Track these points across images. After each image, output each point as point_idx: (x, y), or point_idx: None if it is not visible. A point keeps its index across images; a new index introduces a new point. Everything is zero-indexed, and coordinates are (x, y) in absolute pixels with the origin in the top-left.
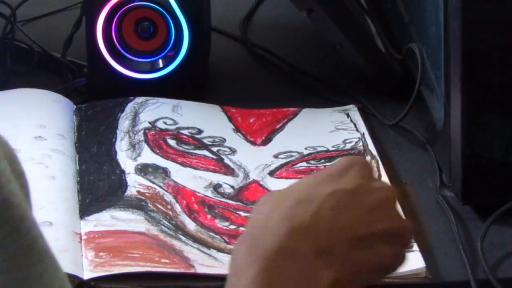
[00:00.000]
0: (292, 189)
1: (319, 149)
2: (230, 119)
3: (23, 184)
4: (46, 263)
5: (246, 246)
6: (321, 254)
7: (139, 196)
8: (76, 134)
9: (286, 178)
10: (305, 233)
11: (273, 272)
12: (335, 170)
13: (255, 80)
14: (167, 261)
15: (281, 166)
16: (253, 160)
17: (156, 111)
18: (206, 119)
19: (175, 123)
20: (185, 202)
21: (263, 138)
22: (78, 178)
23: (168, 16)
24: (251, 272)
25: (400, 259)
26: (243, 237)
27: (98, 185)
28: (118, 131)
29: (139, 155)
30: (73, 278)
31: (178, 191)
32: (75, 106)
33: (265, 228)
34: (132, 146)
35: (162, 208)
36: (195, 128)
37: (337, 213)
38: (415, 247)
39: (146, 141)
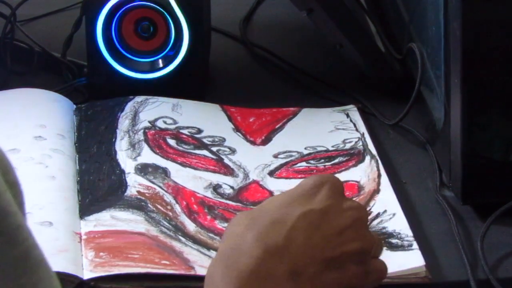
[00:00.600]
0: (265, 209)
1: (319, 149)
2: (230, 118)
3: (17, 194)
4: (41, 272)
5: (222, 267)
6: (293, 276)
7: (139, 196)
8: (76, 134)
9: (286, 178)
10: (279, 255)
11: None
12: (306, 190)
13: (255, 80)
14: (167, 262)
15: (281, 166)
16: (253, 160)
17: (156, 110)
18: (206, 118)
19: (175, 122)
20: (185, 202)
21: (263, 137)
22: (78, 178)
23: (168, 16)
24: None
25: (369, 275)
26: (219, 256)
27: (98, 185)
28: (118, 131)
29: (139, 154)
30: (73, 278)
31: (178, 191)
32: (75, 106)
33: (240, 250)
34: (132, 145)
35: (162, 209)
36: (195, 127)
37: (309, 235)
38: (415, 245)
39: (146, 140)
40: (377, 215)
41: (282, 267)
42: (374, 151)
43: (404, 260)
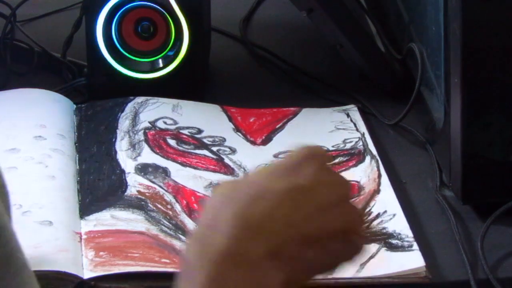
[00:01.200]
0: (246, 182)
1: None
2: (230, 118)
3: (4, 197)
4: (24, 275)
5: (197, 247)
6: (272, 255)
7: (139, 196)
8: (76, 133)
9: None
10: (256, 233)
11: (222, 278)
12: (292, 162)
13: (255, 80)
14: (167, 261)
15: None
16: (253, 159)
17: (156, 110)
18: (206, 118)
19: (175, 122)
20: (185, 202)
21: (263, 137)
22: (78, 178)
23: (168, 16)
24: (199, 279)
25: (352, 251)
26: (195, 235)
27: (98, 184)
28: (118, 131)
29: (139, 155)
30: (73, 278)
31: (178, 190)
32: (75, 106)
33: (215, 226)
34: (132, 146)
35: (162, 208)
36: (195, 127)
37: (290, 212)
38: (415, 246)
39: (146, 141)
40: (377, 216)
41: (259, 246)
42: (374, 151)
43: (404, 261)
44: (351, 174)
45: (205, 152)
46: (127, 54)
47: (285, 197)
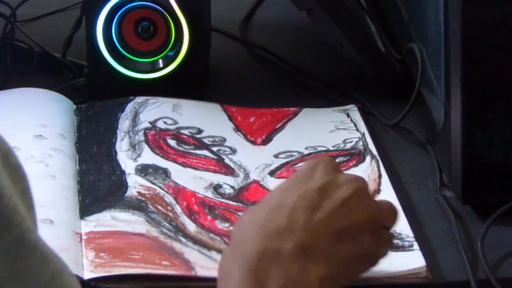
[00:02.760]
0: (264, 202)
1: (320, 149)
2: (230, 118)
3: (20, 178)
4: (36, 257)
5: (229, 256)
6: (304, 250)
7: (139, 197)
8: (76, 134)
9: (287, 178)
10: (284, 235)
11: (259, 271)
12: (301, 175)
13: (255, 80)
14: (167, 263)
15: (282, 166)
16: (254, 159)
17: (156, 110)
18: (206, 118)
19: (175, 122)
20: (185, 203)
21: (263, 137)
22: (78, 178)
23: (168, 16)
24: (237, 273)
25: (384, 243)
26: (226, 252)
27: (98, 185)
28: (118, 131)
29: (139, 155)
30: None
31: (179, 192)
32: (75, 106)
33: (245, 239)
34: (132, 146)
35: (163, 210)
36: (195, 127)
37: (311, 212)
38: (416, 246)
39: (147, 141)
40: None
41: (289, 244)
42: (374, 151)
43: (404, 261)
44: None
45: (205, 152)
46: (127, 54)
47: (303, 200)
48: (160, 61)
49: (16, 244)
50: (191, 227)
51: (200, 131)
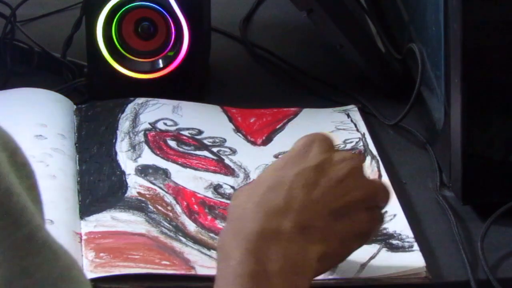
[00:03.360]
0: (260, 179)
1: None
2: (231, 119)
3: (28, 175)
4: (45, 253)
5: (229, 235)
6: (303, 229)
7: (139, 198)
8: (76, 134)
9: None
10: (282, 214)
11: (259, 250)
12: (297, 151)
13: (255, 80)
14: (167, 263)
15: None
16: (254, 160)
17: (156, 112)
18: (207, 119)
19: (175, 124)
20: (185, 203)
21: (264, 138)
22: (78, 178)
23: (168, 16)
24: (237, 254)
25: (377, 221)
26: (225, 229)
27: (98, 185)
28: (118, 132)
29: (139, 156)
30: None
31: (179, 192)
32: (75, 106)
33: (243, 217)
34: (133, 147)
35: (163, 210)
36: (195, 129)
37: (308, 191)
38: (416, 246)
39: (147, 142)
40: None
41: (288, 223)
42: (374, 152)
43: (404, 261)
44: None
45: (205, 153)
46: (127, 54)
47: (299, 178)
48: (160, 61)
49: (26, 241)
50: (191, 227)
51: (200, 132)
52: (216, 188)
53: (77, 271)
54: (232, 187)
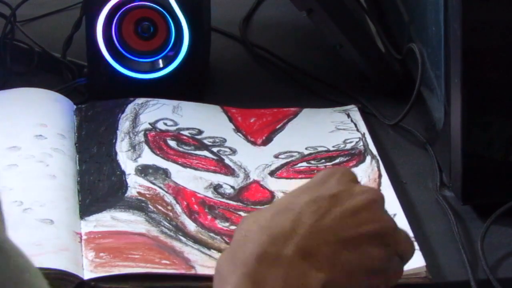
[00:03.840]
0: (272, 204)
1: (320, 149)
2: (231, 119)
3: None
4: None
5: (227, 258)
6: (307, 256)
7: (139, 197)
8: (76, 134)
9: (287, 178)
10: (287, 239)
11: (257, 274)
12: (314, 182)
13: (255, 80)
14: (167, 262)
15: (282, 166)
16: (254, 160)
17: (156, 112)
18: (207, 119)
19: (175, 124)
20: (185, 203)
21: (264, 138)
22: (78, 178)
23: (168, 16)
24: (233, 278)
25: (397, 272)
26: (224, 252)
27: (98, 185)
28: (118, 132)
29: (139, 156)
30: (73, 278)
31: (179, 192)
32: (75, 106)
33: (245, 240)
34: (133, 147)
35: (163, 209)
36: (195, 129)
37: (319, 218)
38: (415, 246)
39: (147, 142)
40: None
41: (291, 248)
42: (374, 151)
43: None
44: None
45: (205, 153)
46: (127, 54)
47: (311, 205)
48: (160, 61)
49: None
50: (191, 226)
51: (200, 132)
52: (216, 188)
53: (31, 275)
54: (232, 187)
